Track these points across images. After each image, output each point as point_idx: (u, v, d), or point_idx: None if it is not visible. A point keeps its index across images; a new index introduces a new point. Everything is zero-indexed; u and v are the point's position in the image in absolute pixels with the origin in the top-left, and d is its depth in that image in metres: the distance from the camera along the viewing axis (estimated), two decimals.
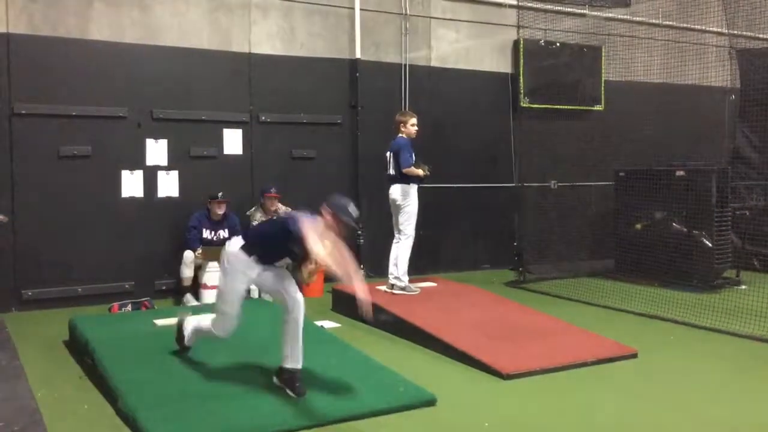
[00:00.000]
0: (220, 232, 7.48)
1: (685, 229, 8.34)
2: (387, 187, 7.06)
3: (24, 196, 7.03)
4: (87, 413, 4.26)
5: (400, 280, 6.95)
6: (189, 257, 7.30)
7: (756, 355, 5.63)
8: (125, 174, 7.48)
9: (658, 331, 6.38)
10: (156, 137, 7.60)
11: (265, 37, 8.24)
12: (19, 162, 7.02)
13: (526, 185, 9.07)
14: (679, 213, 8.40)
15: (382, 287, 7.08)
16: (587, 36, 9.75)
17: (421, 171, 6.88)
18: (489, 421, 4.17)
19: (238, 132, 8.06)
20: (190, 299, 7.25)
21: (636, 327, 6.54)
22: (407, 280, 7.01)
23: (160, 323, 5.62)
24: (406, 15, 9.02)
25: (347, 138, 8.71)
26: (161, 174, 7.65)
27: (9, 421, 3.91)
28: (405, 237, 6.97)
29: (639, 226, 8.76)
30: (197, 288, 7.35)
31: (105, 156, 7.36)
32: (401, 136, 6.99)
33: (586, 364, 5.20)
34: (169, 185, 7.69)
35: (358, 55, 8.69)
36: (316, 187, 8.19)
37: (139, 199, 7.55)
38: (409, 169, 6.81)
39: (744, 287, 7.94)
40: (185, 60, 7.77)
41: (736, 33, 8.95)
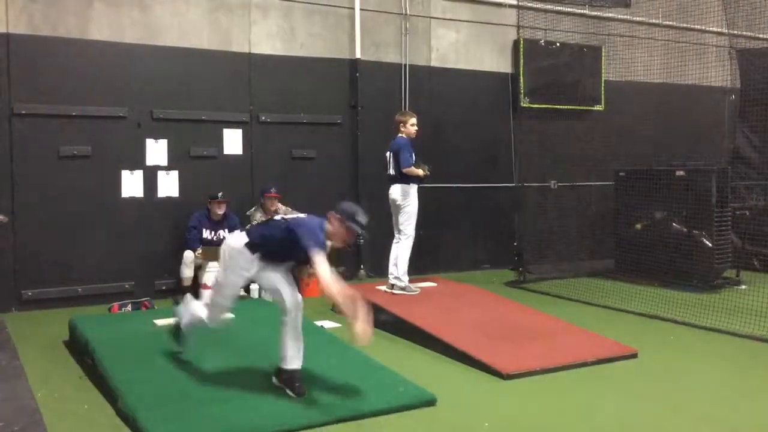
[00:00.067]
0: (220, 232, 7.48)
1: (685, 229, 8.34)
2: (387, 187, 7.05)
3: (24, 196, 7.03)
4: (87, 413, 4.26)
5: (400, 280, 6.95)
6: (189, 257, 7.31)
7: (756, 355, 5.63)
8: (125, 174, 7.48)
9: (658, 331, 6.38)
10: (156, 137, 7.60)
11: (265, 37, 8.24)
12: (19, 162, 7.02)
13: (526, 185, 9.07)
14: (679, 213, 8.40)
15: (382, 287, 7.09)
16: (587, 36, 9.75)
17: (421, 171, 6.87)
18: (489, 421, 4.17)
19: (238, 132, 8.06)
20: (190, 300, 7.23)
21: (636, 327, 6.54)
22: (407, 280, 7.01)
23: (160, 323, 5.62)
24: (406, 15, 9.02)
25: (347, 138, 8.71)
26: (161, 174, 7.65)
27: (9, 421, 3.91)
28: (405, 237, 6.96)
29: (639, 226, 8.75)
30: (197, 288, 7.34)
31: (105, 156, 7.36)
32: (401, 136, 6.98)
33: (586, 364, 5.20)
34: (169, 185, 7.69)
35: (358, 55, 8.69)
36: (316, 187, 8.23)
37: (139, 199, 7.55)
38: (409, 169, 6.81)
39: (744, 287, 7.95)
40: (185, 60, 7.77)
41: (736, 33, 8.96)
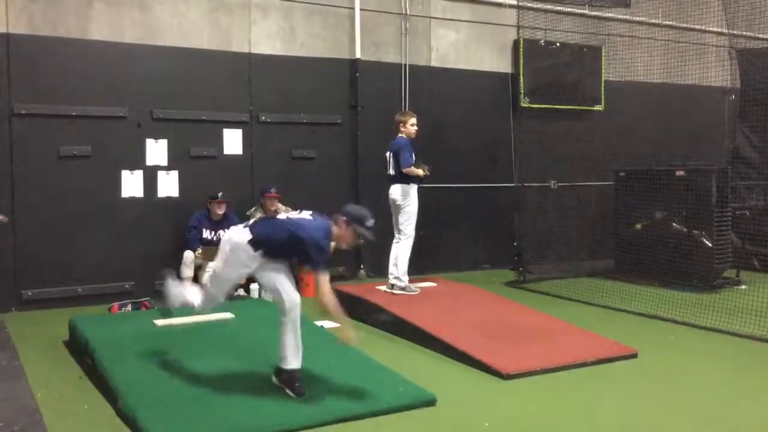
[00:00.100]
0: (220, 232, 7.46)
1: (685, 229, 8.34)
2: (387, 187, 7.05)
3: (24, 196, 7.03)
4: (87, 413, 4.26)
5: (400, 280, 6.95)
6: (189, 257, 7.31)
7: (756, 355, 5.64)
8: (125, 174, 7.48)
9: (658, 331, 6.38)
10: (156, 137, 7.60)
11: (265, 37, 8.24)
12: (19, 162, 7.02)
13: (526, 185, 9.07)
14: (679, 213, 8.40)
15: (382, 287, 7.09)
16: (587, 36, 9.75)
17: (421, 171, 6.87)
18: (489, 421, 4.17)
19: (238, 132, 8.06)
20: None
21: (636, 327, 6.54)
22: (407, 280, 7.00)
23: (160, 323, 5.61)
24: (406, 15, 9.02)
25: (347, 138, 8.71)
26: (161, 174, 7.65)
27: (9, 421, 3.91)
28: (405, 237, 6.96)
29: (639, 226, 8.75)
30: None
31: (105, 156, 7.36)
32: (401, 136, 6.98)
33: (586, 364, 5.20)
34: (169, 185, 7.69)
35: (358, 55, 8.69)
36: (316, 187, 8.23)
37: (139, 199, 7.54)
38: (409, 169, 6.81)
39: (744, 287, 7.95)
40: (185, 60, 7.77)
41: (736, 33, 8.95)
